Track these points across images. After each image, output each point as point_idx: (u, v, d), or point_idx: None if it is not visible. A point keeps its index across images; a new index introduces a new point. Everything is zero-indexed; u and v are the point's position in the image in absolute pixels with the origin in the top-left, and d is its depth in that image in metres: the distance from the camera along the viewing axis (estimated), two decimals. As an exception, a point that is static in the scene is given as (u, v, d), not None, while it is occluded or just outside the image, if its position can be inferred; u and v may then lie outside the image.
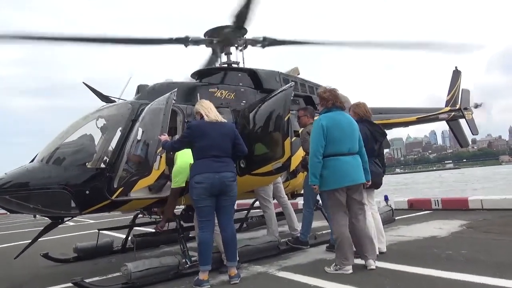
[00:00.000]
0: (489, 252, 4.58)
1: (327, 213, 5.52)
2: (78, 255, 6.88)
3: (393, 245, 5.40)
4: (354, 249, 4.30)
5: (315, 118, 5.53)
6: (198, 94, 6.53)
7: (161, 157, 5.02)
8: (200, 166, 4.34)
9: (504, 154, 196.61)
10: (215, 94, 6.69)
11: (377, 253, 4.79)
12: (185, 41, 7.19)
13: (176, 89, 5.40)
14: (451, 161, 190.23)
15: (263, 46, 7.79)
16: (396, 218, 7.53)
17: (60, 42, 6.60)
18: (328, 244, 5.55)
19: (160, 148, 4.87)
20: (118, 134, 5.37)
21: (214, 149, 4.39)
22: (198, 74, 7.33)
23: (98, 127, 5.56)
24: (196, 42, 7.29)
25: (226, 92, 6.81)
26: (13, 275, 5.86)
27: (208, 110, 4.55)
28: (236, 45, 7.61)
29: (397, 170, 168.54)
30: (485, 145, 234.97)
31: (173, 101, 5.30)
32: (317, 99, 7.86)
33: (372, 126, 5.07)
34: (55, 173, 4.95)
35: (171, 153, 5.11)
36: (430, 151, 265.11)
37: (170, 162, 5.25)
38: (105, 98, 6.08)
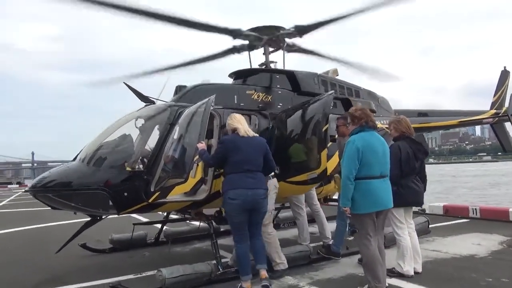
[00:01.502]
0: (533, 283, 4.38)
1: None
2: (114, 247, 7.16)
3: (428, 263, 5.26)
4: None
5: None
6: (236, 96, 6.51)
7: (197, 165, 5.06)
8: (234, 181, 4.45)
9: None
10: (252, 96, 6.63)
11: (412, 273, 4.72)
12: (235, 33, 7.00)
13: (214, 95, 5.39)
14: (487, 154, 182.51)
15: (300, 35, 7.41)
16: (431, 225, 7.31)
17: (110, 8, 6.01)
18: (359, 257, 5.48)
19: (197, 156, 4.90)
20: (156, 137, 5.44)
21: (248, 163, 4.53)
22: (236, 75, 7.28)
23: (137, 129, 5.66)
24: (245, 36, 7.12)
25: (263, 94, 6.73)
26: (52, 265, 6.16)
27: (239, 124, 4.59)
28: (284, 47, 7.46)
29: (430, 160, 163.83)
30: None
31: (211, 107, 5.29)
32: (355, 102, 7.70)
33: (415, 145, 4.89)
34: (95, 174, 5.10)
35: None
36: (467, 142, 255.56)
37: None
38: (145, 99, 6.13)
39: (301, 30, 7.27)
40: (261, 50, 7.57)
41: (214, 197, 5.47)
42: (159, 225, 7.49)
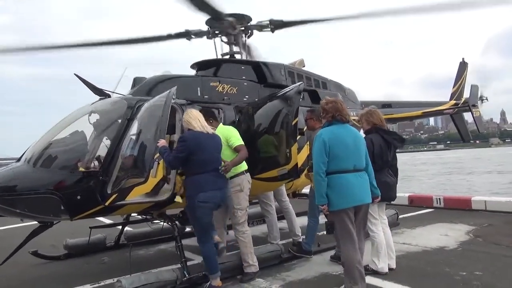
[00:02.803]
0: (507, 276, 4.36)
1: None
2: (69, 252, 6.60)
3: (401, 258, 5.15)
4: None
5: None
6: (199, 89, 6.12)
7: (158, 163, 4.65)
8: (202, 183, 4.20)
9: (494, 136, 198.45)
10: (217, 88, 6.27)
11: (386, 270, 4.58)
12: (186, 35, 6.75)
13: (175, 87, 4.97)
14: (441, 143, 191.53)
15: (272, 30, 7.33)
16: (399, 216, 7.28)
17: (53, 50, 6.19)
18: (332, 254, 5.31)
19: (157, 154, 4.49)
20: (112, 134, 4.97)
21: (213, 162, 4.33)
22: (198, 66, 6.88)
23: (90, 125, 5.16)
24: (198, 34, 6.83)
25: (229, 86, 6.38)
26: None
27: (196, 120, 4.32)
28: (240, 33, 7.13)
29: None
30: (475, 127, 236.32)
31: (173, 100, 4.88)
32: (322, 94, 7.52)
33: (389, 135, 4.73)
34: (43, 176, 4.60)
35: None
36: (422, 132, 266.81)
37: None
38: (99, 92, 5.61)
39: (276, 26, 7.06)
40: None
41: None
42: (120, 227, 6.99)
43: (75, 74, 5.45)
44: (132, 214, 6.66)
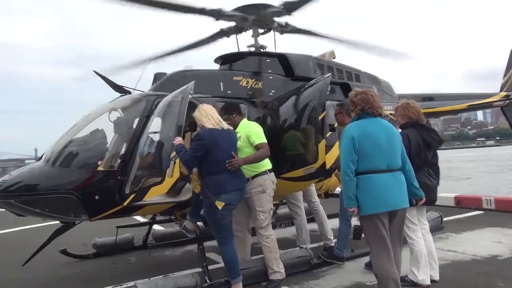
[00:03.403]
0: None
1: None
2: (97, 251, 6.55)
3: (446, 267, 4.60)
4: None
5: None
6: (222, 83, 5.84)
7: (175, 162, 4.39)
8: (222, 184, 3.92)
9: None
10: (241, 83, 5.96)
11: (428, 282, 4.07)
12: (217, 14, 6.36)
13: (193, 81, 4.72)
14: (491, 139, 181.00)
15: (281, 32, 6.92)
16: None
17: None
18: (367, 262, 4.83)
19: (174, 153, 4.24)
20: (130, 132, 4.80)
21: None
22: (222, 60, 6.59)
23: (108, 123, 5.01)
24: (229, 17, 6.46)
25: (253, 80, 6.06)
26: (28, 276, 5.52)
27: (208, 117, 4.02)
28: (273, 28, 6.76)
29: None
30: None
31: (190, 95, 4.61)
32: (355, 86, 7.01)
33: (427, 132, 4.19)
34: (62, 176, 4.50)
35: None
36: (469, 127, 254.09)
37: None
38: (119, 89, 5.47)
39: (289, 7, 6.59)
40: (251, 32, 6.88)
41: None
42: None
43: (94, 71, 5.33)
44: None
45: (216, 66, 6.77)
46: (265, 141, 4.30)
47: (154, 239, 6.98)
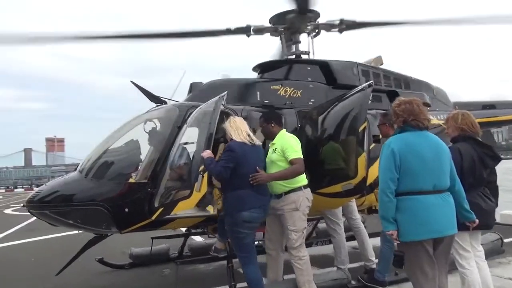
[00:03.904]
0: None
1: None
2: (133, 262, 6.56)
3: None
4: None
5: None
6: (258, 93, 5.64)
7: (203, 176, 4.23)
8: (247, 199, 3.75)
9: None
10: (278, 92, 5.72)
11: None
12: (246, 30, 6.30)
13: (226, 92, 4.57)
14: None
15: (340, 31, 6.57)
16: (504, 240, 5.89)
17: (112, 39, 6.20)
18: (412, 288, 4.36)
19: (203, 166, 4.08)
20: (162, 143, 4.71)
21: None
22: (261, 68, 6.39)
23: (142, 134, 4.98)
24: (259, 31, 6.35)
25: (292, 89, 5.79)
26: (62, 284, 5.60)
27: (238, 131, 3.87)
28: (306, 32, 6.50)
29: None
30: None
31: (222, 106, 4.45)
32: (404, 95, 6.51)
33: (481, 147, 3.69)
34: (93, 188, 4.52)
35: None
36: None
37: None
38: (155, 99, 5.44)
39: (348, 26, 6.34)
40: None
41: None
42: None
43: (131, 81, 5.35)
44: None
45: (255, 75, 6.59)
46: (301, 156, 4.03)
47: (190, 250, 6.87)
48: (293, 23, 6.19)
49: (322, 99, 5.80)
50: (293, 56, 6.57)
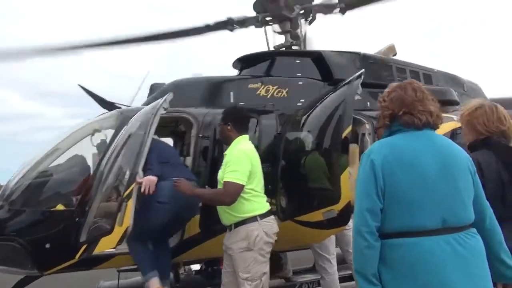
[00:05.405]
0: None
1: None
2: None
3: None
4: None
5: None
6: (232, 93, 4.59)
7: (127, 205, 3.21)
8: None
9: None
10: (258, 92, 4.63)
11: None
12: (227, 24, 5.30)
13: (170, 93, 3.55)
14: None
15: (343, 11, 5.40)
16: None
17: (78, 49, 5.44)
18: None
19: (129, 190, 3.09)
20: (96, 160, 3.79)
21: None
22: (241, 63, 5.34)
23: (79, 149, 4.06)
24: (243, 23, 5.32)
25: (275, 87, 4.67)
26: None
27: None
28: (299, 17, 5.39)
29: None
30: None
31: (164, 111, 3.43)
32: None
33: (510, 155, 2.41)
34: (7, 219, 3.61)
35: None
36: None
37: None
38: (108, 105, 4.56)
39: (349, 4, 5.22)
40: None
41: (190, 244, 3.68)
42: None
43: (79, 85, 4.49)
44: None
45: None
46: (237, 181, 2.90)
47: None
48: (275, 9, 5.10)
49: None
50: (284, 49, 5.47)
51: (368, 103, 4.83)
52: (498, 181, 2.31)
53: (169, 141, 5.14)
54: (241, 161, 2.95)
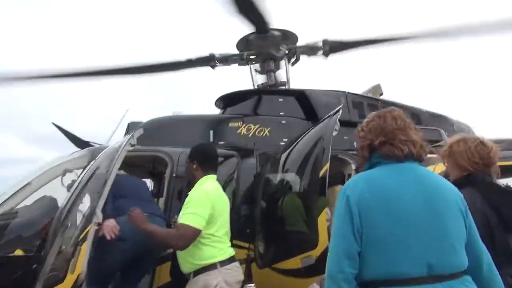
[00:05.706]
0: None
1: None
2: None
3: None
4: None
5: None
6: (212, 132, 4.44)
7: (80, 247, 2.94)
8: None
9: None
10: (239, 130, 4.50)
11: None
12: (209, 60, 5.25)
13: (140, 130, 3.39)
14: None
15: (326, 54, 5.37)
16: None
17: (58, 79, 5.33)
18: None
19: (83, 234, 2.83)
20: (60, 200, 3.56)
21: None
22: (223, 102, 5.25)
23: (49, 188, 3.85)
24: (225, 60, 5.28)
25: (257, 126, 4.55)
26: None
27: None
28: (284, 57, 5.36)
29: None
30: None
31: (130, 147, 3.25)
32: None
33: (502, 196, 2.20)
34: None
35: None
36: None
37: None
38: (82, 143, 4.39)
39: (333, 48, 5.22)
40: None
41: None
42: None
43: (53, 123, 4.34)
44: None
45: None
46: (193, 224, 2.64)
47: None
48: (261, 48, 5.07)
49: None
50: (267, 87, 5.40)
51: (355, 143, 4.68)
52: (485, 224, 2.08)
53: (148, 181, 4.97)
54: (201, 203, 2.72)
